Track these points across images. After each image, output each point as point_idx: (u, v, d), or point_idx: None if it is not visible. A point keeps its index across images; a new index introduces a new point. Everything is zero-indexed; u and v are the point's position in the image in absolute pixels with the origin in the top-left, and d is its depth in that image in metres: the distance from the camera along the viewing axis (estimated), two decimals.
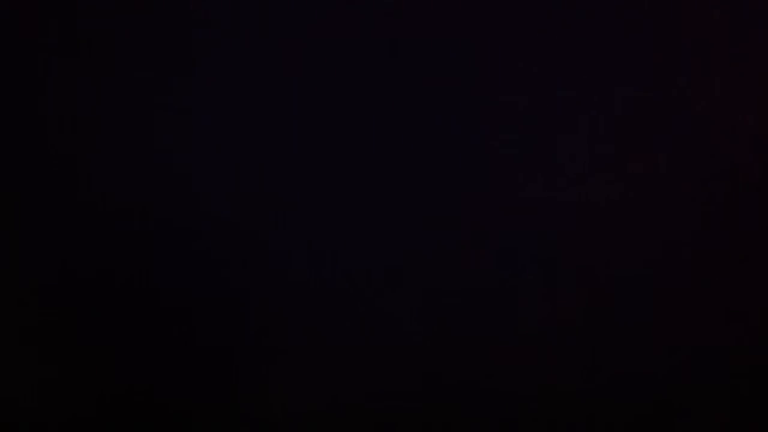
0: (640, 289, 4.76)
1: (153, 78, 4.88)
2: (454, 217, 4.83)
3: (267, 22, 4.85)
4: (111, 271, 4.79)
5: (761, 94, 4.81)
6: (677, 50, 4.83)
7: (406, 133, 4.91)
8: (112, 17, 4.77)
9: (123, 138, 4.84)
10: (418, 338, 4.74)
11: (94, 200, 4.82)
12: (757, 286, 4.72)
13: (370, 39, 4.86)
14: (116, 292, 4.77)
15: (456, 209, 4.84)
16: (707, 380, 4.67)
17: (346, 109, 4.90)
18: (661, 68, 4.82)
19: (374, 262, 4.86)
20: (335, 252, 4.89)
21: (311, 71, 4.89)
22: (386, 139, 4.92)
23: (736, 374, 4.65)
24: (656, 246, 4.75)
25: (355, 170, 4.93)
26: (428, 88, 4.88)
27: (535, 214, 4.75)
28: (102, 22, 4.76)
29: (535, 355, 4.67)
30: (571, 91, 4.79)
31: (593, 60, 4.82)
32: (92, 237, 4.79)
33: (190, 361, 4.70)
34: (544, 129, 4.78)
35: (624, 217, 4.77)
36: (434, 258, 4.84)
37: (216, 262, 4.79)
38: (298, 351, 4.74)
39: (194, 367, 4.70)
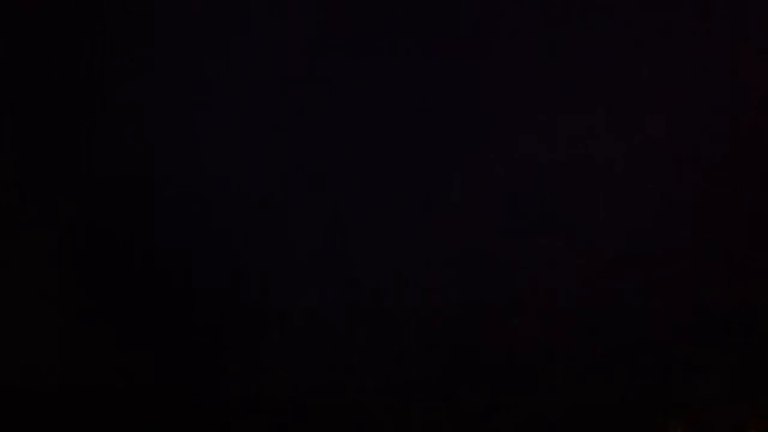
0: (638, 246, 4.75)
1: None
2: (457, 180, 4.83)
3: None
4: (116, 242, 4.80)
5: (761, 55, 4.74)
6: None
7: (412, 102, 4.91)
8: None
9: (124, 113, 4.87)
10: (418, 305, 4.74)
11: (100, 172, 4.84)
12: (756, 247, 4.68)
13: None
14: (120, 271, 4.78)
15: (457, 173, 4.84)
16: (706, 340, 4.65)
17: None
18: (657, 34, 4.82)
19: (375, 225, 4.85)
20: (337, 233, 4.91)
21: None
22: (390, 107, 4.89)
23: (734, 334, 4.64)
24: (652, 205, 4.76)
25: (357, 144, 4.94)
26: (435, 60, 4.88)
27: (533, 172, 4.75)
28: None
29: (534, 315, 4.67)
30: (570, 58, 4.79)
31: (591, 26, 4.81)
32: (96, 208, 4.81)
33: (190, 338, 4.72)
34: (542, 94, 4.78)
35: (620, 176, 4.75)
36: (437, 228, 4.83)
37: (220, 236, 4.80)
38: (297, 329, 4.75)
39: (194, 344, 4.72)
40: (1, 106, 4.83)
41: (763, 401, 4.60)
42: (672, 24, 4.90)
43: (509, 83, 4.91)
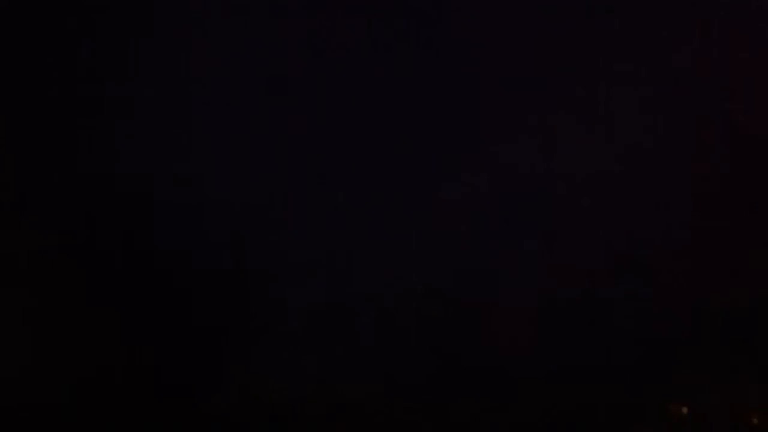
0: (638, 247, 4.77)
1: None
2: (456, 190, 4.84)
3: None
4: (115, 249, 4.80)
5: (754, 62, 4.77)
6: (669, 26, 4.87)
7: (409, 114, 4.93)
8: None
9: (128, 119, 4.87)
10: (417, 311, 4.75)
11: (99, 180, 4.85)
12: (756, 247, 4.69)
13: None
14: (120, 273, 4.78)
15: (458, 184, 4.86)
16: (706, 340, 4.68)
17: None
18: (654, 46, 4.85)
19: (375, 237, 4.86)
20: (334, 233, 4.91)
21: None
22: (386, 114, 4.91)
23: (734, 337, 4.67)
24: (649, 215, 4.78)
25: (352, 148, 4.95)
26: (433, 72, 4.91)
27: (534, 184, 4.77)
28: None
29: (532, 316, 4.68)
30: (570, 58, 4.81)
31: (588, 41, 4.84)
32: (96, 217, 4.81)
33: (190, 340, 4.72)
34: (541, 96, 4.80)
35: (619, 176, 4.77)
36: (435, 231, 4.84)
37: (217, 243, 4.81)
38: (295, 328, 4.75)
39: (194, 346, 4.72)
40: (1, 106, 4.83)
41: (762, 401, 4.61)
42: (672, 24, 4.93)
43: (509, 85, 4.93)
